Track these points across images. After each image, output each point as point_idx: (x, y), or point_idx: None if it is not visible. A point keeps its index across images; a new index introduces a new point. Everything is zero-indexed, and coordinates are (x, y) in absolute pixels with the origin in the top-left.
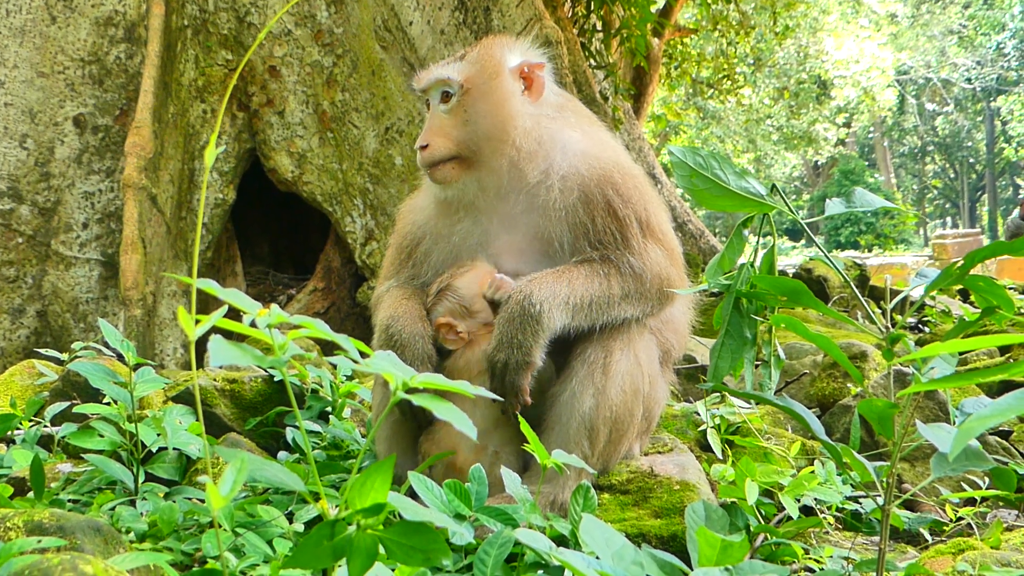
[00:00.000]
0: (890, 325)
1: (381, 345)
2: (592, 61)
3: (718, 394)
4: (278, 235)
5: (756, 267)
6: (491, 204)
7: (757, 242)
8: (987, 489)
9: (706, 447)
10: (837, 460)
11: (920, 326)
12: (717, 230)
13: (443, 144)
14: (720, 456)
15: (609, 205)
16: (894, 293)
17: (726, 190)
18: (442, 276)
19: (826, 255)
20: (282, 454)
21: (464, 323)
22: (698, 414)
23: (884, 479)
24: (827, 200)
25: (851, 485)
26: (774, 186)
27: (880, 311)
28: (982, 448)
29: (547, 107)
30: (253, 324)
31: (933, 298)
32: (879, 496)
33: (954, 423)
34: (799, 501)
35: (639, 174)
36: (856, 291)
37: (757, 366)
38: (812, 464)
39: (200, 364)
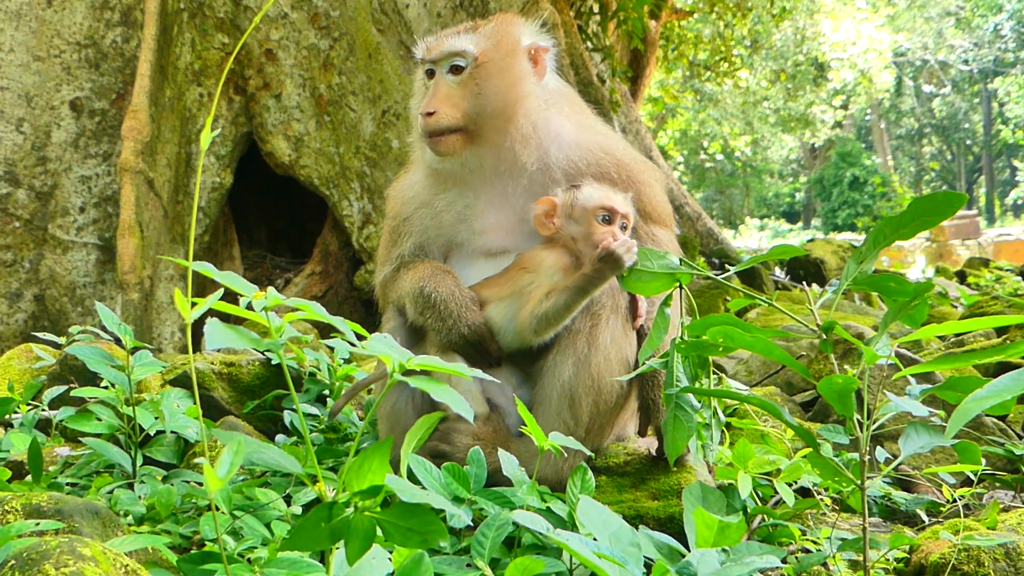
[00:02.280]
0: (817, 319)
1: (419, 308)
2: (589, 44)
3: (715, 377)
4: (275, 219)
5: (684, 339)
6: (482, 181)
7: (681, 318)
8: (984, 469)
9: None
10: (812, 445)
11: None
12: (714, 212)
13: (451, 114)
14: (717, 438)
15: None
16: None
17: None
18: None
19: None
20: (280, 437)
21: (561, 220)
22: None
23: (862, 457)
24: (745, 256)
25: (846, 465)
26: (682, 257)
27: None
28: (975, 428)
29: (546, 91)
30: (250, 306)
31: (931, 285)
32: (870, 476)
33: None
34: (794, 485)
35: (632, 160)
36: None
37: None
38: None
39: (197, 348)
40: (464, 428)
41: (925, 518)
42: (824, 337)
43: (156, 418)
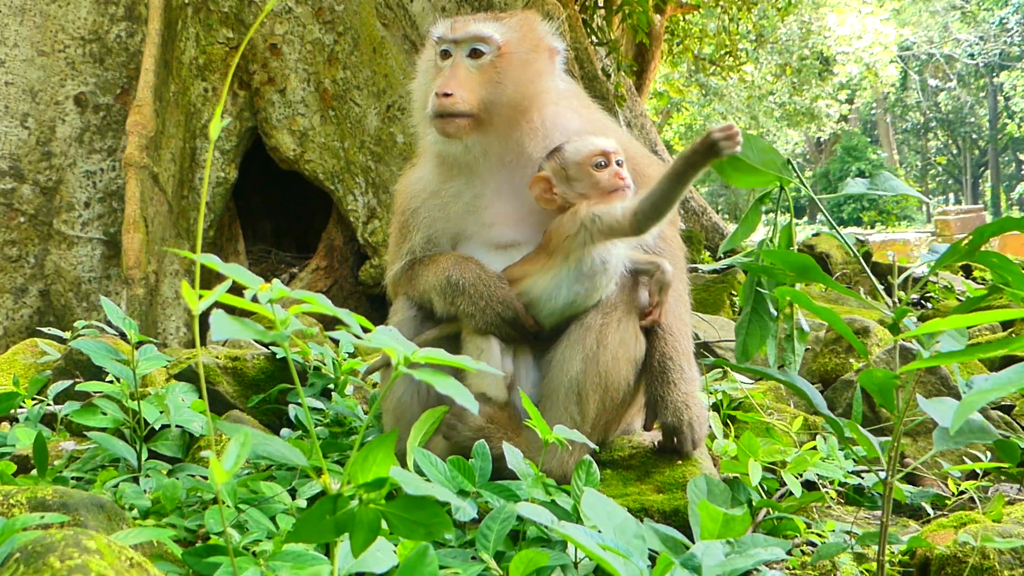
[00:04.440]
0: (894, 301)
1: (449, 297)
2: (594, 38)
3: (720, 370)
4: (280, 214)
5: (775, 243)
6: (489, 171)
7: (775, 218)
8: (989, 462)
9: None
10: (840, 435)
11: (923, 302)
12: (719, 207)
13: (468, 98)
14: (722, 431)
15: None
16: (902, 269)
17: (750, 167)
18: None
19: (840, 235)
20: (284, 431)
21: (561, 187)
22: (701, 390)
23: (888, 453)
24: (849, 180)
25: (853, 460)
26: (788, 160)
27: (884, 287)
28: (985, 422)
29: (556, 89)
30: (255, 299)
31: (936, 274)
32: (881, 470)
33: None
34: (800, 477)
35: (638, 155)
36: (867, 268)
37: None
38: (814, 439)
39: (203, 342)
40: (480, 409)
41: (930, 511)
42: (897, 322)
43: (161, 412)
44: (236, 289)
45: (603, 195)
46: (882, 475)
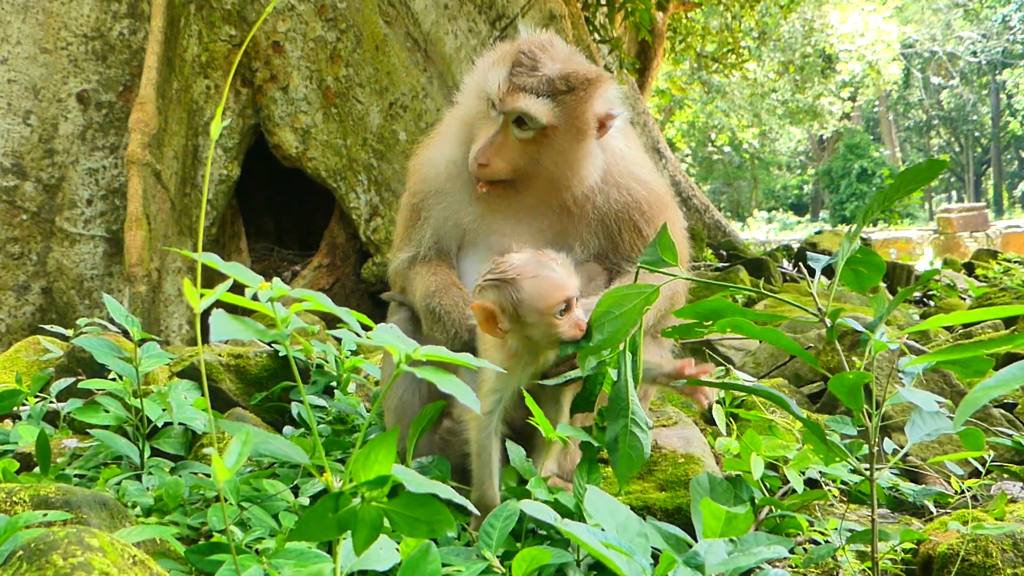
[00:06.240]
0: (818, 308)
1: (428, 323)
2: (596, 35)
3: (723, 368)
4: (283, 211)
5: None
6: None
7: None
8: (992, 460)
9: (711, 420)
10: (820, 436)
11: (925, 299)
12: (722, 204)
13: (503, 169)
14: (724, 429)
15: (636, 227)
16: (903, 266)
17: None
18: (507, 263)
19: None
20: (287, 429)
21: (511, 325)
22: None
23: (872, 448)
24: None
25: (857, 457)
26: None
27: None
28: (983, 419)
29: (599, 146)
30: (255, 298)
31: (938, 272)
32: (879, 467)
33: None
34: (803, 474)
35: (663, 191)
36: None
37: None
38: None
39: (206, 339)
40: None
41: (933, 509)
42: (829, 325)
43: (164, 410)
44: (238, 287)
45: (555, 344)
46: (870, 473)
